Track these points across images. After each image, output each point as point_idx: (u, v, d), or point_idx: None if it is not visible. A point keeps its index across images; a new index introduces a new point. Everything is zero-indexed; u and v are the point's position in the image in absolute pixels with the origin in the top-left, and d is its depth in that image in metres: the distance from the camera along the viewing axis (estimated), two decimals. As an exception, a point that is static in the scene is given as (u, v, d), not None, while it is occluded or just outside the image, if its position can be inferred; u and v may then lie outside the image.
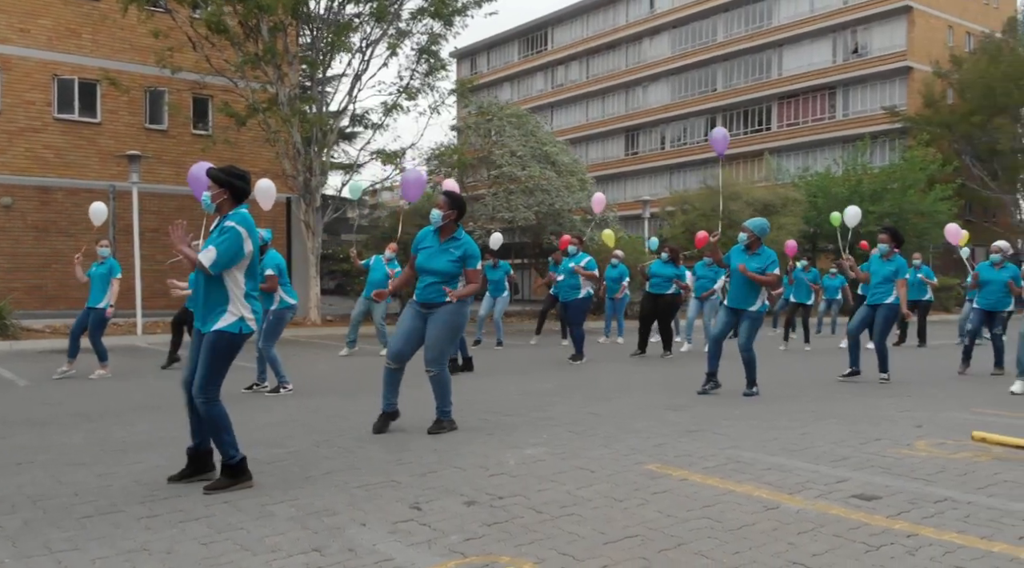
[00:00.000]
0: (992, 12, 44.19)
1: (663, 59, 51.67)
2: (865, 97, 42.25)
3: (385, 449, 5.48)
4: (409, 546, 3.56)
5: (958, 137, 36.01)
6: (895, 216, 26.17)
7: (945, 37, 41.81)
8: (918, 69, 40.04)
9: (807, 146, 43.30)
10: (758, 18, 47.22)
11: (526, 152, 19.85)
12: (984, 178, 36.23)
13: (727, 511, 4.01)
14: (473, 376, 9.79)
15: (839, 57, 43.59)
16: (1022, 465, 4.89)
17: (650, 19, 52.63)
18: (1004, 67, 34.48)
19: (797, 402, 7.69)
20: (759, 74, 46.86)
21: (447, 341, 6.06)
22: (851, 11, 42.82)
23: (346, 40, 16.66)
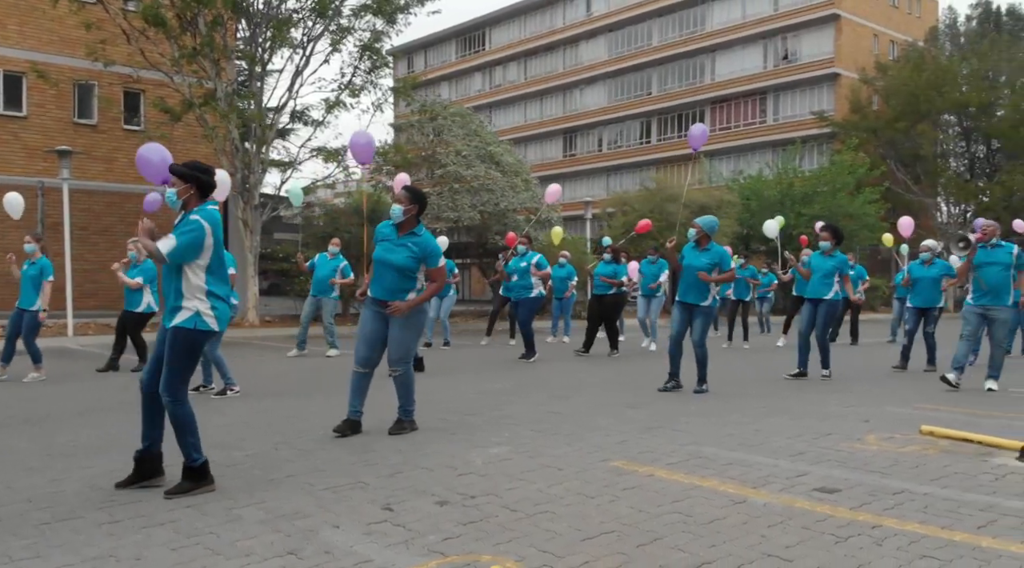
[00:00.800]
0: (915, 22, 45.94)
1: (600, 62, 52.23)
2: (795, 102, 43.46)
3: (348, 451, 5.42)
4: (387, 547, 3.53)
5: (883, 142, 37.31)
6: (825, 218, 26.91)
7: (871, 45, 43.28)
8: (845, 75, 41.36)
9: (739, 150, 44.32)
10: (692, 23, 48.13)
11: (471, 152, 19.85)
12: (907, 182, 37.63)
13: (696, 505, 4.09)
14: (428, 376, 9.73)
15: (770, 63, 44.72)
16: (969, 457, 5.10)
17: (586, 22, 53.15)
18: (927, 75, 35.87)
19: (746, 399, 7.87)
20: (693, 79, 47.76)
21: (412, 340, 6.00)
22: (781, 18, 43.98)
23: (287, 35, 16.37)
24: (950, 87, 35.89)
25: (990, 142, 38.65)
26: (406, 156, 19.04)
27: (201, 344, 4.53)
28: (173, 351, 4.43)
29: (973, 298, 8.64)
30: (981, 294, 8.54)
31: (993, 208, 34.42)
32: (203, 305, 4.47)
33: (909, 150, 37.37)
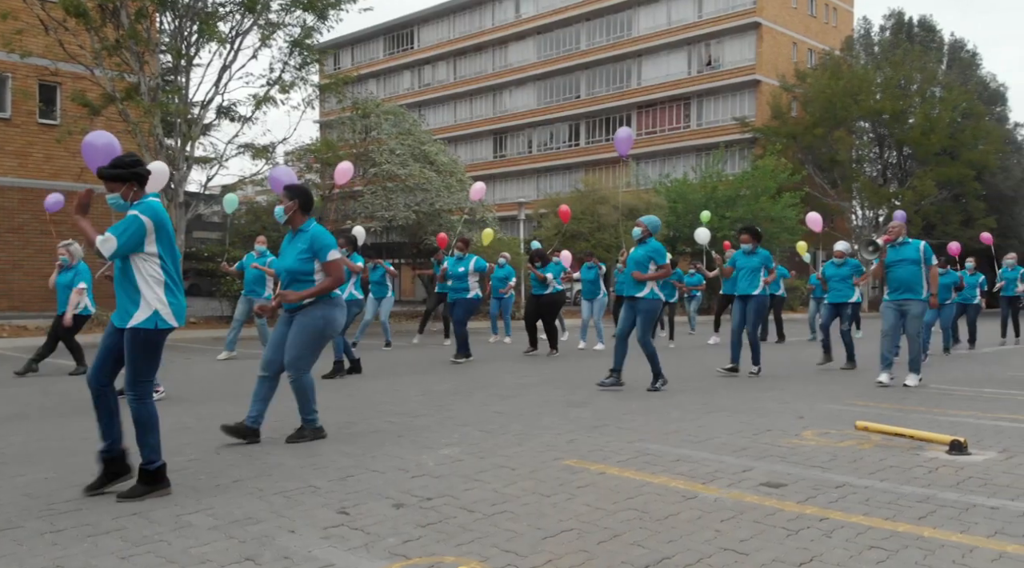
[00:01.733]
0: (832, 31, 47.64)
1: (529, 64, 52.57)
2: (718, 108, 44.56)
3: (294, 455, 5.32)
4: (347, 551, 3.49)
5: (802, 148, 38.59)
6: (748, 221, 27.70)
7: (790, 53, 44.70)
8: (766, 82, 42.61)
9: (665, 153, 45.20)
10: (618, 28, 48.86)
11: (404, 150, 19.69)
12: (825, 186, 39.00)
13: (650, 502, 4.16)
14: (369, 378, 9.65)
15: (694, 69, 45.76)
16: (902, 451, 5.32)
17: (516, 24, 53.43)
18: (843, 83, 37.25)
19: (684, 396, 8.03)
20: (620, 83, 48.49)
21: (306, 346, 5.69)
22: (705, 25, 45.05)
23: (215, 29, 15.95)
24: (865, 95, 37.36)
25: (902, 148, 40.37)
26: (337, 153, 18.76)
27: (161, 342, 4.43)
28: (134, 352, 4.31)
29: (889, 295, 9.04)
30: (894, 290, 8.94)
31: (905, 212, 35.92)
32: (161, 304, 4.35)
33: (826, 155, 38.76)
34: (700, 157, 41.19)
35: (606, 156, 46.43)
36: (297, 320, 5.70)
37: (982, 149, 36.90)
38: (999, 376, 10.25)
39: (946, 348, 13.67)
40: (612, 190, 27.39)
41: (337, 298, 5.85)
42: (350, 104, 21.15)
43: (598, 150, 48.04)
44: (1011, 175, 39.70)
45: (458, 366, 11.17)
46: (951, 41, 43.05)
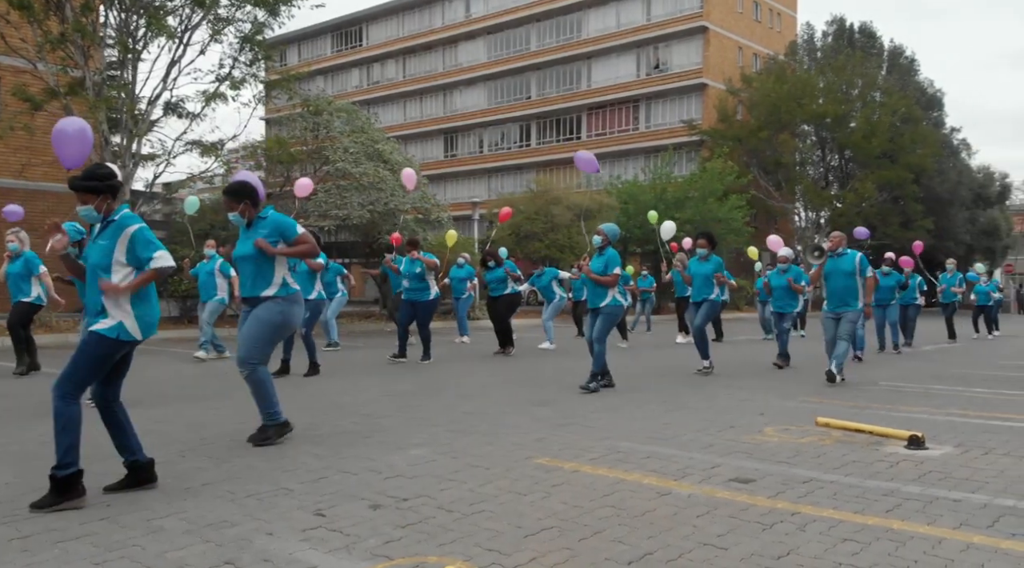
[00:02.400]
0: (776, 36, 48.62)
1: (479, 64, 52.55)
2: (666, 110, 45.13)
3: (262, 457, 5.25)
4: (328, 553, 3.46)
5: (747, 150, 39.30)
6: (696, 222, 28.14)
7: (736, 57, 45.49)
8: (712, 86, 43.29)
9: (615, 155, 45.58)
10: (568, 30, 49.15)
11: (358, 149, 19.49)
12: (769, 188, 39.80)
13: (626, 499, 4.22)
14: (328, 378, 9.55)
15: (642, 72, 46.26)
16: (862, 447, 5.47)
17: (466, 23, 53.36)
18: (788, 87, 38.04)
19: (644, 394, 8.13)
20: (570, 85, 48.78)
21: (259, 339, 5.60)
22: (653, 28, 45.58)
23: (164, 24, 15.58)
24: (809, 99, 38.22)
25: (843, 152, 41.40)
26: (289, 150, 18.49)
27: (116, 354, 4.32)
28: (83, 353, 4.21)
29: (826, 306, 9.42)
30: (830, 301, 9.34)
31: (846, 214, 36.87)
32: (127, 315, 4.27)
33: (771, 158, 39.55)
34: (649, 159, 41.66)
35: (557, 157, 46.67)
36: (254, 314, 5.63)
37: (920, 153, 38.05)
38: (945, 373, 10.59)
39: (895, 345, 14.05)
40: (565, 191, 27.57)
41: (296, 294, 5.75)
42: (300, 101, 20.87)
43: (549, 151, 48.28)
44: (947, 178, 41.00)
45: (417, 367, 11.12)
46: (890, 47, 44.29)
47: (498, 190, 48.25)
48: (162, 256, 4.30)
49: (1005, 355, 13.91)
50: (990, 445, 5.50)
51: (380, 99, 56.76)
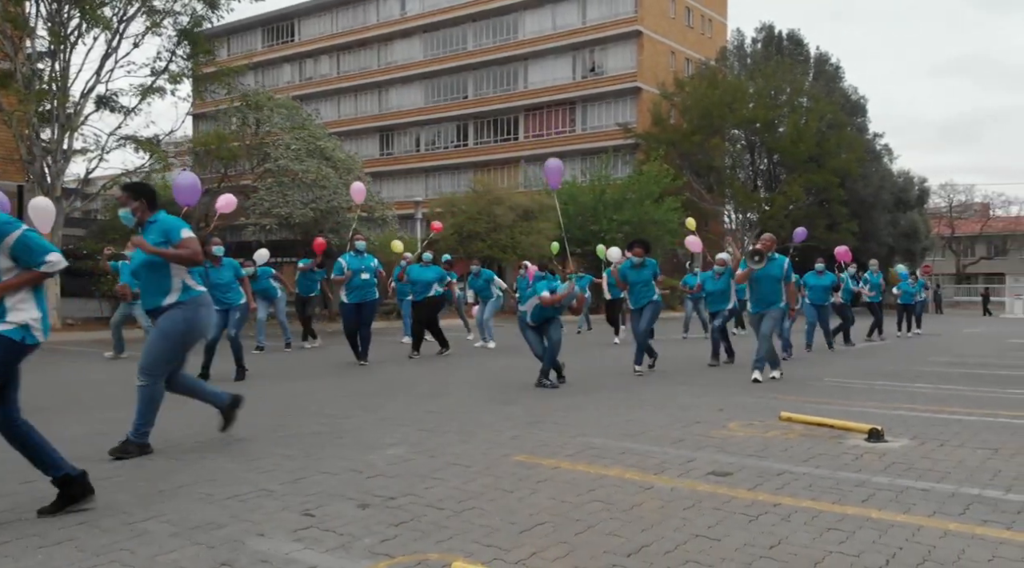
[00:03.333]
0: (707, 41, 49.64)
1: (415, 62, 52.24)
2: (602, 113, 45.63)
3: (232, 459, 5.15)
4: (325, 552, 3.43)
5: (680, 154, 40.05)
6: (634, 224, 28.63)
7: (669, 62, 46.28)
8: (647, 90, 43.95)
9: (552, 156, 45.77)
10: (505, 31, 49.26)
11: (300, 146, 19.14)
12: (702, 191, 40.64)
13: (612, 494, 4.28)
14: (282, 380, 9.40)
15: (578, 74, 46.68)
16: (825, 440, 5.67)
17: (401, 21, 52.98)
18: (719, 93, 38.91)
19: (604, 392, 8.24)
20: (507, 85, 48.89)
21: (160, 350, 5.30)
22: (589, 31, 46.03)
23: (99, 14, 15.04)
24: (739, 104, 39.15)
25: (772, 156, 42.54)
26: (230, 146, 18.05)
27: (21, 359, 4.00)
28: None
29: (752, 307, 9.70)
30: (756, 303, 9.63)
31: (775, 216, 37.90)
32: (33, 318, 3.97)
33: (703, 162, 40.39)
34: (586, 160, 42.10)
35: (496, 157, 46.76)
36: (158, 323, 5.33)
37: (845, 157, 39.33)
38: (884, 370, 11.00)
39: (829, 344, 14.51)
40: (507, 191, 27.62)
41: (201, 296, 5.45)
42: (239, 95, 20.39)
43: (487, 151, 48.32)
44: (870, 182, 42.46)
45: (371, 367, 11.03)
46: (817, 55, 45.63)
47: (436, 189, 48.03)
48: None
49: (935, 352, 14.51)
50: (943, 437, 5.76)
51: (313, 95, 55.86)
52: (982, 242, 66.63)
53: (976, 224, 65.99)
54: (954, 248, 63.71)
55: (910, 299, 19.64)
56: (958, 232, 64.35)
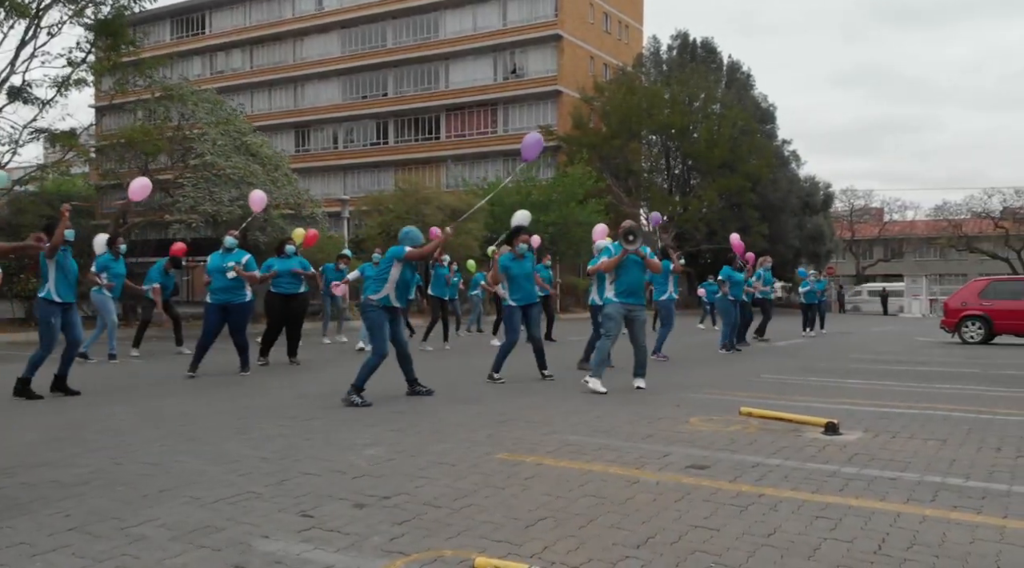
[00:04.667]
0: (624, 47, 50.64)
1: (333, 58, 51.49)
2: (523, 115, 45.98)
3: (207, 462, 5.03)
4: (337, 552, 3.42)
5: (600, 157, 40.76)
6: (560, 225, 29.01)
7: (588, 66, 47.00)
8: (567, 93, 44.53)
9: (474, 157, 45.97)
10: (425, 30, 49.08)
11: (227, 141, 18.60)
12: (621, 194, 41.45)
13: (602, 488, 4.39)
14: (227, 384, 9.17)
15: (499, 76, 46.92)
16: (784, 434, 5.92)
17: (318, 16, 52.15)
18: (638, 98, 39.76)
19: (560, 389, 8.34)
20: (427, 84, 48.71)
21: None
22: (510, 33, 46.33)
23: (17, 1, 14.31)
24: (657, 110, 40.11)
25: (687, 161, 43.75)
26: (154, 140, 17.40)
27: None
28: None
29: (619, 296, 8.39)
30: (628, 295, 8.40)
31: (691, 219, 38.98)
32: None
33: (623, 165, 41.21)
34: (508, 162, 42.34)
35: (417, 156, 46.52)
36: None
37: (756, 163, 40.80)
38: (813, 367, 11.50)
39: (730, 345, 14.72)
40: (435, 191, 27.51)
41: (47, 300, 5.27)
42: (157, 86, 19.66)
43: (408, 150, 48.02)
44: (779, 187, 44.15)
45: (310, 368, 10.89)
46: (729, 63, 47.17)
47: (355, 187, 47.42)
48: None
49: (852, 350, 15.24)
50: (893, 430, 6.10)
51: (225, 89, 54.05)
52: (880, 245, 70.10)
53: (874, 228, 69.39)
54: (854, 251, 66.78)
55: (814, 298, 20.55)
56: (858, 236, 67.51)
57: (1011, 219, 55.30)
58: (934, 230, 63.17)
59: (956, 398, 8.02)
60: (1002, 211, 55.38)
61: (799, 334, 20.03)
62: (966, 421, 6.54)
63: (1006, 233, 55.44)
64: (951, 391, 8.63)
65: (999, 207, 54.95)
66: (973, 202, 58.26)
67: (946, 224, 59.71)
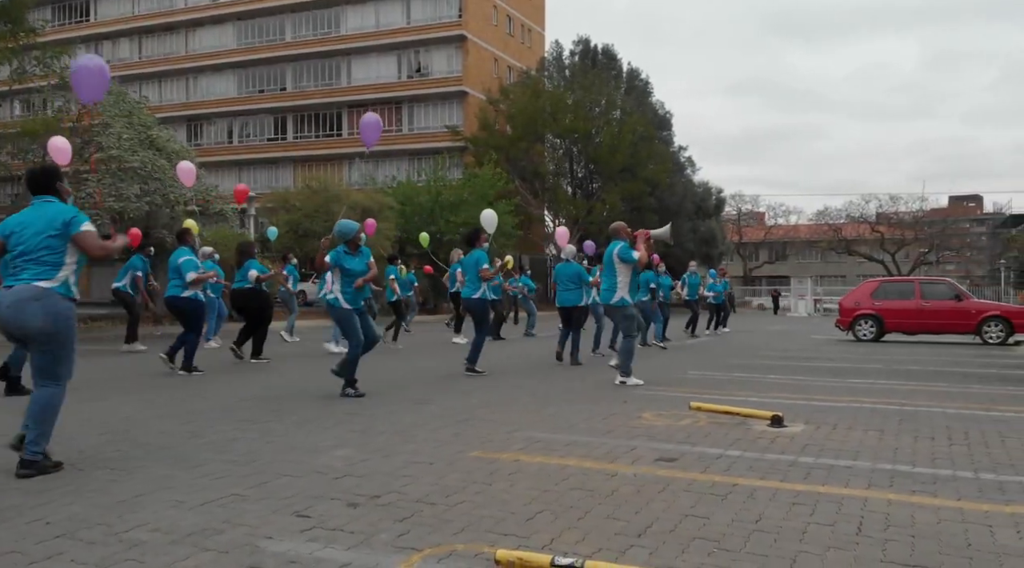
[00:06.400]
0: (527, 51, 51.20)
1: (227, 50, 49.99)
2: (429, 114, 45.85)
3: (172, 467, 4.88)
4: (348, 550, 3.42)
5: (507, 159, 41.11)
6: (472, 225, 28.93)
7: (492, 68, 47.30)
8: (472, 94, 44.67)
9: (378, 155, 45.45)
10: (326, 25, 48.27)
11: (132, 135, 17.78)
12: (528, 196, 41.90)
13: (586, 482, 4.52)
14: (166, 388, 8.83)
15: (404, 74, 46.62)
16: (735, 427, 6.20)
17: (211, 7, 50.53)
18: (542, 102, 40.29)
19: (503, 390, 8.44)
20: (329, 80, 47.91)
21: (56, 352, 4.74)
22: (413, 32, 46.11)
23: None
24: (561, 114, 40.76)
25: (588, 165, 44.63)
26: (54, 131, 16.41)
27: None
28: None
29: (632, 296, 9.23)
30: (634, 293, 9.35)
31: (595, 221, 39.80)
32: None
33: (529, 168, 41.68)
34: (413, 161, 42.13)
35: (318, 153, 45.67)
36: None
37: (654, 168, 42.02)
38: (731, 364, 12.00)
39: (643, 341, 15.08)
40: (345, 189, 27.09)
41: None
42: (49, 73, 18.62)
43: (308, 146, 47.08)
44: (675, 192, 45.62)
45: (250, 369, 10.62)
46: (628, 70, 48.35)
47: (252, 183, 46.07)
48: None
49: (758, 348, 15.96)
50: (830, 422, 6.50)
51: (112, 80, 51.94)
52: (765, 247, 73.39)
53: (760, 231, 72.58)
54: (741, 253, 69.66)
55: (722, 299, 21.52)
56: (745, 238, 70.47)
57: (886, 224, 58.98)
58: (816, 233, 66.69)
59: (873, 392, 8.57)
60: (877, 216, 59.02)
61: (704, 332, 20.84)
62: (893, 413, 7.02)
63: (881, 237, 59.08)
64: (865, 385, 9.21)
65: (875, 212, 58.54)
66: (852, 207, 61.85)
67: (827, 228, 63.15)
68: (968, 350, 15.74)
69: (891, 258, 59.25)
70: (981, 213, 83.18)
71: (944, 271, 63.20)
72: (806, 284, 46.00)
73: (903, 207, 60.35)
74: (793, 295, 45.20)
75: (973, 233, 74.01)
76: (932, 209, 64.24)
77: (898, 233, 59.10)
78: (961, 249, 68.23)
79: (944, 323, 17.65)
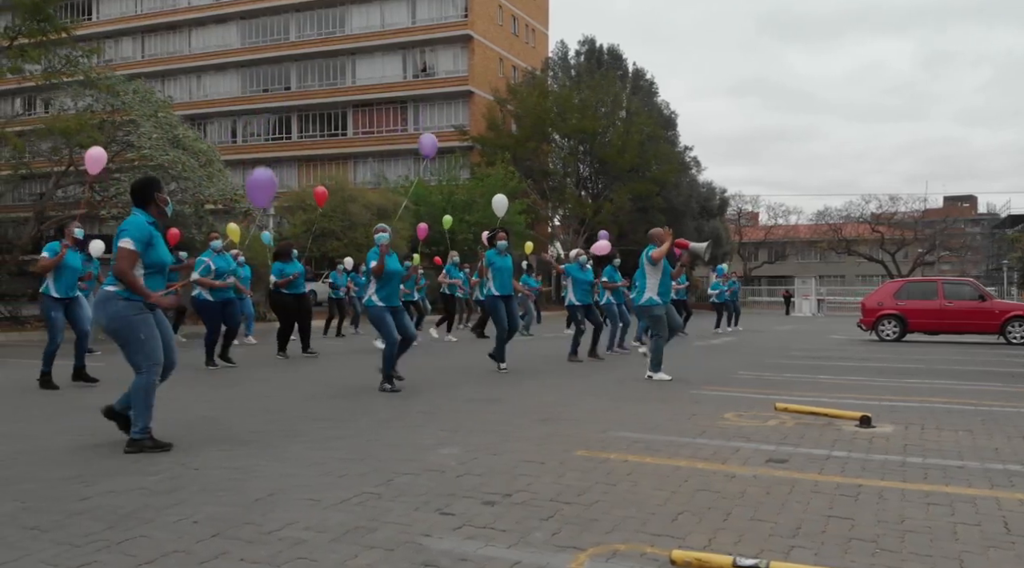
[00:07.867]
0: (531, 51, 51.22)
1: (232, 50, 49.88)
2: (434, 114, 45.82)
3: (286, 465, 4.88)
4: (510, 548, 3.41)
5: (515, 159, 41.13)
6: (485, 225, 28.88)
7: (498, 68, 47.30)
8: (479, 94, 44.65)
9: (383, 155, 45.47)
10: (331, 24, 48.19)
11: (161, 135, 17.72)
12: (536, 197, 41.92)
13: (710, 483, 4.51)
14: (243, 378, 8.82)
15: (409, 74, 46.57)
16: (824, 428, 6.20)
17: (215, 6, 50.41)
18: (549, 102, 40.30)
19: (559, 393, 8.45)
20: (333, 79, 47.84)
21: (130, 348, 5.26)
22: (419, 31, 46.08)
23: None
24: (568, 114, 40.78)
25: (595, 165, 44.68)
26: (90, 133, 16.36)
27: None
28: None
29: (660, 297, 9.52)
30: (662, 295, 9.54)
31: (603, 221, 39.81)
32: None
33: (537, 167, 41.70)
34: (419, 161, 42.01)
35: (323, 152, 45.58)
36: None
37: (660, 168, 42.11)
38: (773, 364, 12.00)
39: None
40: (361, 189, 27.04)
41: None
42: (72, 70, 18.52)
43: (313, 145, 47.00)
44: (681, 191, 45.77)
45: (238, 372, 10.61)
46: (634, 70, 48.43)
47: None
48: None
49: (782, 347, 15.96)
50: (915, 422, 6.51)
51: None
52: (765, 248, 73.54)
53: (760, 231, 72.73)
54: (742, 253, 69.79)
55: (730, 298, 21.68)
56: (745, 239, 70.60)
57: (886, 224, 59.18)
58: (816, 234, 66.87)
59: (936, 391, 8.59)
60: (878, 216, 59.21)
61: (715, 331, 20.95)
62: (971, 413, 7.04)
63: (881, 237, 59.28)
64: (925, 386, 9.22)
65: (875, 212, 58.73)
66: (852, 208, 62.03)
67: (827, 228, 63.33)
68: (995, 350, 15.81)
69: (891, 258, 59.46)
70: (976, 213, 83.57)
71: (940, 271, 63.52)
72: (810, 284, 46.10)
73: (903, 207, 60.66)
74: (798, 295, 45.31)
75: (968, 233, 74.36)
76: (927, 209, 64.59)
77: (898, 233, 59.36)
78: (960, 250, 68.55)
79: (967, 323, 17.74)
